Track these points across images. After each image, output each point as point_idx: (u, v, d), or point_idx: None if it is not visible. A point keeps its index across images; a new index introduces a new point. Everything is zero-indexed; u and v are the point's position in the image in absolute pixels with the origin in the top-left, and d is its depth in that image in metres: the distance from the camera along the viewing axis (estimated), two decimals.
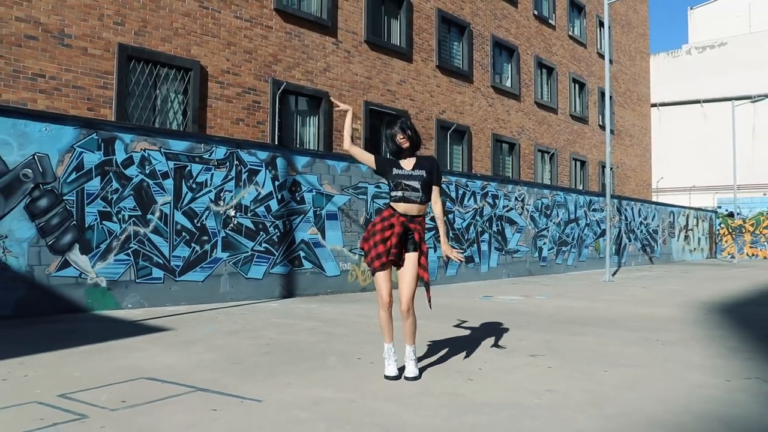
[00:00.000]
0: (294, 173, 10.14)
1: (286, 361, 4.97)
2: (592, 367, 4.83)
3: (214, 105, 12.56)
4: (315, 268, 10.42)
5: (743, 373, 4.63)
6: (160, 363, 4.79)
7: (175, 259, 8.56)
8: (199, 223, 8.85)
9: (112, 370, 4.50)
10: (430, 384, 4.21)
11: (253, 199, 9.53)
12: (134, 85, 11.35)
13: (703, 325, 7.18)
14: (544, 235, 16.65)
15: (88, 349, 5.32)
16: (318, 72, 14.72)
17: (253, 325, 6.85)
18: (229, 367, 4.68)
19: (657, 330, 6.78)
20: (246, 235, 9.41)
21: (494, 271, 14.73)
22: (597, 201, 19.60)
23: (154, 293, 8.33)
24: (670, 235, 25.37)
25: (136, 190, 8.22)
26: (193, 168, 8.82)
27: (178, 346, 5.55)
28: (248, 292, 9.41)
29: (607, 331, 6.71)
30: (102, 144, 7.93)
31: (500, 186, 15.17)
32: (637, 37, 31.82)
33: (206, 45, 12.46)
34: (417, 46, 17.69)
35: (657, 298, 10.32)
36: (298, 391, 4.01)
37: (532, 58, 23.00)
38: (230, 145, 9.37)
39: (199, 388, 4.00)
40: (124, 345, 5.53)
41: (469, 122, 19.56)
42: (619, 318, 7.79)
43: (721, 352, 5.51)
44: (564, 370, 4.69)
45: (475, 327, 6.90)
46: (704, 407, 3.73)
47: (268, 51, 13.63)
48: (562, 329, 6.81)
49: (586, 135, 26.62)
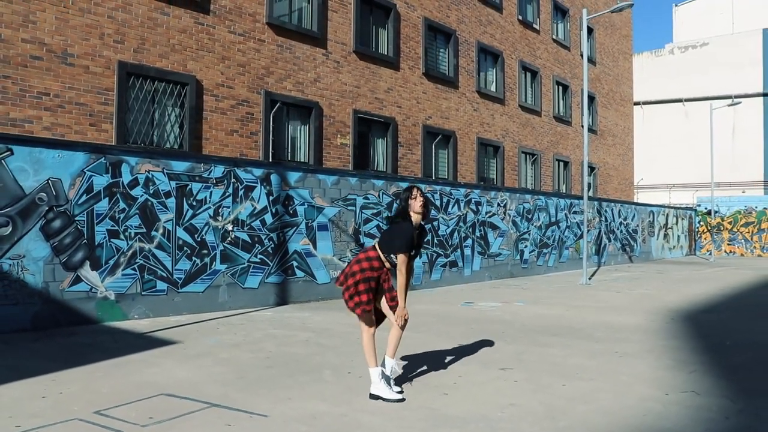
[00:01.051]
0: (287, 188, 10.79)
1: (286, 374, 5.64)
2: (554, 380, 5.54)
3: (210, 117, 13.15)
4: (307, 276, 11.09)
5: (683, 386, 5.35)
6: (174, 378, 5.45)
7: (177, 272, 9.20)
8: (200, 238, 9.49)
9: (135, 386, 5.15)
10: (410, 398, 4.89)
11: (249, 214, 10.18)
12: (134, 101, 11.92)
13: (662, 335, 7.91)
14: (525, 239, 17.39)
15: (110, 363, 5.96)
16: (308, 83, 15.33)
17: (252, 337, 7.51)
18: (235, 381, 5.35)
19: (619, 341, 7.50)
20: (243, 248, 10.06)
21: (477, 274, 15.45)
22: (578, 203, 20.36)
23: (158, 304, 8.97)
24: (649, 234, 26.23)
25: (141, 209, 8.84)
26: (194, 186, 9.45)
27: (188, 359, 6.20)
28: (245, 300, 10.06)
29: (574, 341, 7.42)
30: (110, 167, 8.55)
31: (483, 193, 15.88)
32: (620, 38, 32.58)
33: (201, 60, 13.04)
34: (404, 55, 18.32)
35: (626, 305, 11.06)
36: (298, 405, 4.68)
37: (517, 63, 23.68)
38: (228, 163, 10.00)
39: (212, 404, 4.67)
40: (140, 360, 6.18)
41: (455, 127, 20.24)
42: (587, 327, 8.51)
43: (669, 364, 6.23)
44: (528, 384, 5.39)
45: (454, 338, 7.60)
46: (642, 420, 4.43)
47: (260, 64, 14.22)
48: (533, 340, 7.51)
49: (570, 136, 27.38)
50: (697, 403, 4.84)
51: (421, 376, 5.59)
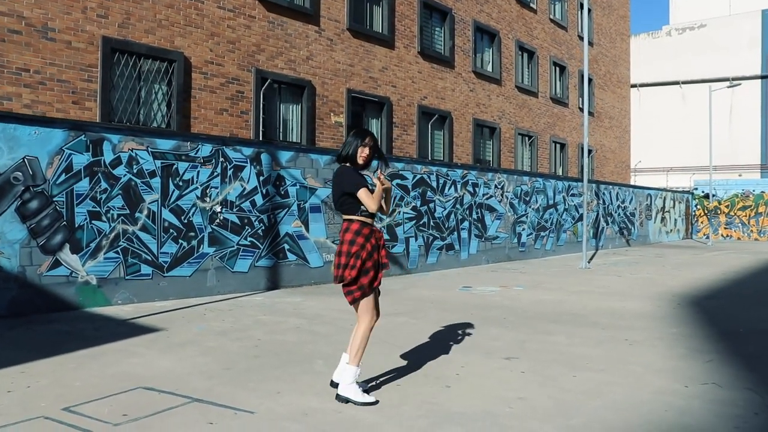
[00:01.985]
0: (278, 168, 10.36)
1: (276, 365, 5.26)
2: (562, 370, 5.18)
3: (198, 96, 12.68)
4: (299, 260, 10.69)
5: (701, 378, 5.00)
6: (155, 369, 5.06)
7: (163, 256, 8.79)
8: (186, 220, 9.07)
9: (111, 378, 4.76)
10: (410, 392, 4.52)
11: (239, 195, 9.75)
12: (118, 78, 11.44)
13: (670, 322, 7.57)
14: (523, 221, 17.03)
15: (86, 354, 5.57)
16: (301, 61, 14.85)
17: (241, 324, 7.13)
18: (221, 373, 4.96)
19: (625, 328, 7.15)
20: (232, 230, 9.65)
21: (474, 257, 15.09)
22: (575, 186, 19.99)
23: (143, 289, 8.57)
24: (647, 217, 25.92)
25: (125, 190, 8.41)
26: (180, 166, 9.02)
27: (171, 348, 5.81)
28: (234, 285, 9.67)
29: (578, 329, 7.07)
30: (90, 145, 8.10)
31: (480, 174, 15.48)
32: (618, 19, 32.09)
33: (190, 36, 12.54)
34: (399, 33, 17.82)
35: (629, 289, 10.73)
36: (288, 400, 4.30)
37: (513, 42, 23.20)
38: (216, 142, 9.56)
39: (194, 399, 4.29)
40: (120, 348, 5.79)
41: (451, 107, 19.80)
42: (590, 313, 8.16)
43: (683, 353, 5.88)
44: (535, 375, 5.03)
45: (454, 325, 7.23)
46: (662, 416, 4.08)
47: (251, 41, 13.73)
48: (535, 327, 7.16)
49: (566, 118, 26.97)
50: (720, 396, 4.49)
51: (420, 368, 5.22)
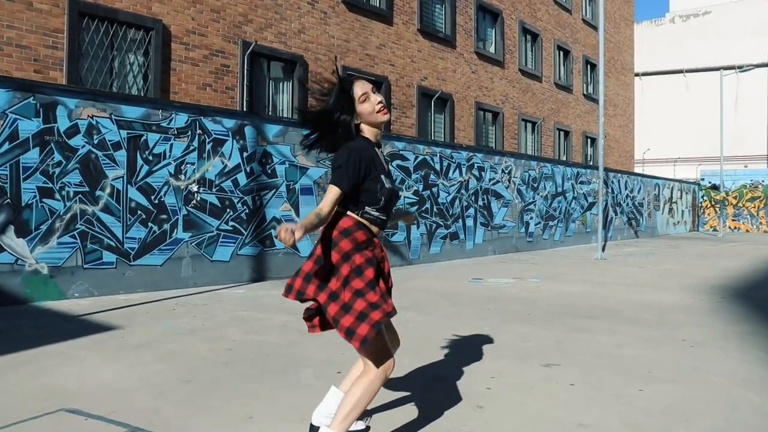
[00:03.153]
0: (264, 143, 9.13)
1: (251, 375, 4.08)
2: (621, 381, 4.01)
3: (179, 68, 11.45)
4: (288, 248, 9.48)
5: None
6: (93, 381, 3.87)
7: (129, 241, 7.57)
8: (157, 200, 7.84)
9: (30, 395, 3.57)
10: (432, 415, 3.33)
11: (219, 173, 8.52)
12: (88, 46, 10.20)
13: (723, 318, 6.41)
14: (531, 209, 15.86)
15: (14, 359, 4.37)
16: (292, 34, 13.61)
17: (215, 321, 5.93)
18: (177, 388, 3.77)
19: (675, 325, 5.99)
20: (211, 213, 8.42)
21: (480, 247, 13.91)
22: (584, 173, 18.84)
23: (105, 280, 7.35)
24: (655, 208, 24.79)
25: (83, 163, 7.17)
26: (150, 137, 7.77)
27: (122, 352, 4.62)
28: (213, 276, 8.46)
29: (620, 326, 5.90)
30: (41, 110, 6.86)
31: (486, 157, 14.29)
32: (622, 3, 30.89)
33: (169, 2, 11.30)
34: (398, 8, 16.59)
35: (658, 281, 9.57)
36: (262, 429, 3.12)
37: (517, 23, 21.99)
38: (192, 111, 8.32)
39: (130, 427, 3.09)
40: (58, 352, 4.59)
41: (452, 90, 18.58)
42: (626, 308, 7.00)
43: (762, 357, 4.72)
44: (589, 389, 3.86)
45: (471, 322, 6.06)
46: None
47: (237, 10, 12.49)
48: (568, 324, 5.99)
49: (570, 104, 25.80)
50: None
51: (438, 380, 4.04)
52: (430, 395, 3.68)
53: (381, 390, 3.53)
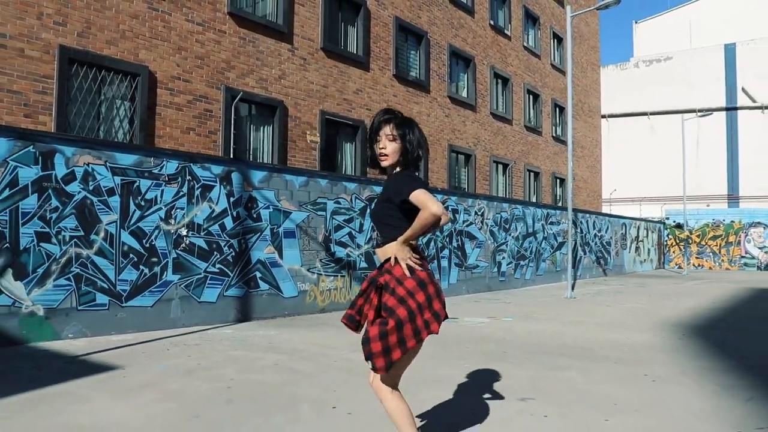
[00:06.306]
0: (250, 189, 9.53)
1: (253, 412, 4.41)
2: (590, 414, 4.43)
3: (164, 113, 11.84)
4: (272, 289, 9.81)
5: (752, 420, 4.29)
6: (106, 419, 4.17)
7: (121, 283, 7.85)
8: (148, 244, 8.16)
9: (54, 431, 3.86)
10: None
11: (207, 217, 8.88)
12: (77, 91, 10.56)
13: (684, 354, 6.89)
14: (503, 250, 16.39)
15: (23, 399, 4.63)
16: (273, 80, 14.13)
17: (209, 361, 6.23)
18: (187, 424, 4.09)
19: (641, 362, 6.45)
20: (199, 256, 8.75)
21: (454, 287, 14.35)
22: (554, 214, 19.49)
23: (98, 321, 7.60)
24: (622, 246, 25.56)
25: (79, 209, 7.49)
26: (142, 184, 8.13)
27: (126, 392, 4.91)
28: (201, 316, 8.74)
29: (591, 364, 6.34)
30: (39, 158, 7.19)
31: (460, 200, 14.83)
32: (588, 49, 32.15)
33: (155, 49, 11.74)
34: (374, 55, 17.25)
35: (626, 320, 10.07)
36: None
37: (488, 69, 22.85)
38: (182, 158, 8.70)
39: None
40: (66, 392, 4.86)
41: (426, 132, 19.19)
42: (595, 346, 7.45)
43: (716, 390, 5.18)
44: (561, 420, 4.27)
45: (449, 361, 6.45)
46: None
47: (220, 57, 12.97)
48: (542, 362, 6.41)
49: (540, 146, 26.66)
50: None
51: (421, 414, 4.41)
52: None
53: (383, 412, 3.91)
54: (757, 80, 38.69)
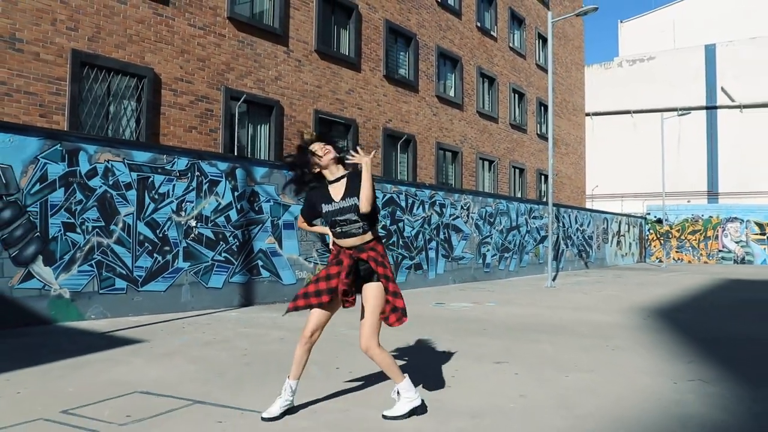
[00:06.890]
0: (253, 184, 10.31)
1: (268, 371, 5.20)
2: (553, 373, 5.26)
3: (168, 113, 12.57)
4: (272, 276, 10.60)
5: (687, 375, 5.14)
6: (146, 376, 4.95)
7: (137, 270, 8.62)
8: (161, 234, 8.93)
9: (103, 384, 4.64)
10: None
11: (214, 210, 9.66)
12: (87, 92, 11.28)
13: (645, 331, 7.76)
14: (488, 242, 17.24)
15: (69, 363, 5.40)
16: (269, 81, 14.88)
17: (223, 336, 7.02)
18: (215, 379, 4.88)
19: (606, 337, 7.30)
20: (206, 245, 9.53)
21: (441, 277, 15.19)
22: (537, 209, 20.38)
23: (116, 304, 8.37)
24: (603, 240, 26.52)
25: (100, 201, 8.25)
26: (156, 179, 8.90)
27: (157, 358, 5.69)
28: (208, 301, 9.52)
29: (560, 338, 7.19)
30: (66, 155, 7.94)
31: (447, 195, 15.66)
32: (573, 49, 33.07)
33: (160, 52, 12.47)
34: (365, 56, 18.03)
35: (599, 304, 10.95)
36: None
37: (475, 69, 23.68)
38: (191, 156, 9.47)
39: (196, 401, 4.21)
40: (105, 358, 5.64)
41: (415, 131, 20.03)
42: (569, 324, 8.31)
43: (665, 356, 6.04)
44: (530, 376, 5.10)
45: (436, 334, 7.27)
46: (662, 407, 4.18)
47: (220, 59, 13.71)
48: (518, 336, 7.25)
49: (525, 143, 27.54)
50: (709, 391, 4.63)
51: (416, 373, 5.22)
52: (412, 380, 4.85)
53: (377, 371, 4.72)
54: (735, 80, 39.81)
